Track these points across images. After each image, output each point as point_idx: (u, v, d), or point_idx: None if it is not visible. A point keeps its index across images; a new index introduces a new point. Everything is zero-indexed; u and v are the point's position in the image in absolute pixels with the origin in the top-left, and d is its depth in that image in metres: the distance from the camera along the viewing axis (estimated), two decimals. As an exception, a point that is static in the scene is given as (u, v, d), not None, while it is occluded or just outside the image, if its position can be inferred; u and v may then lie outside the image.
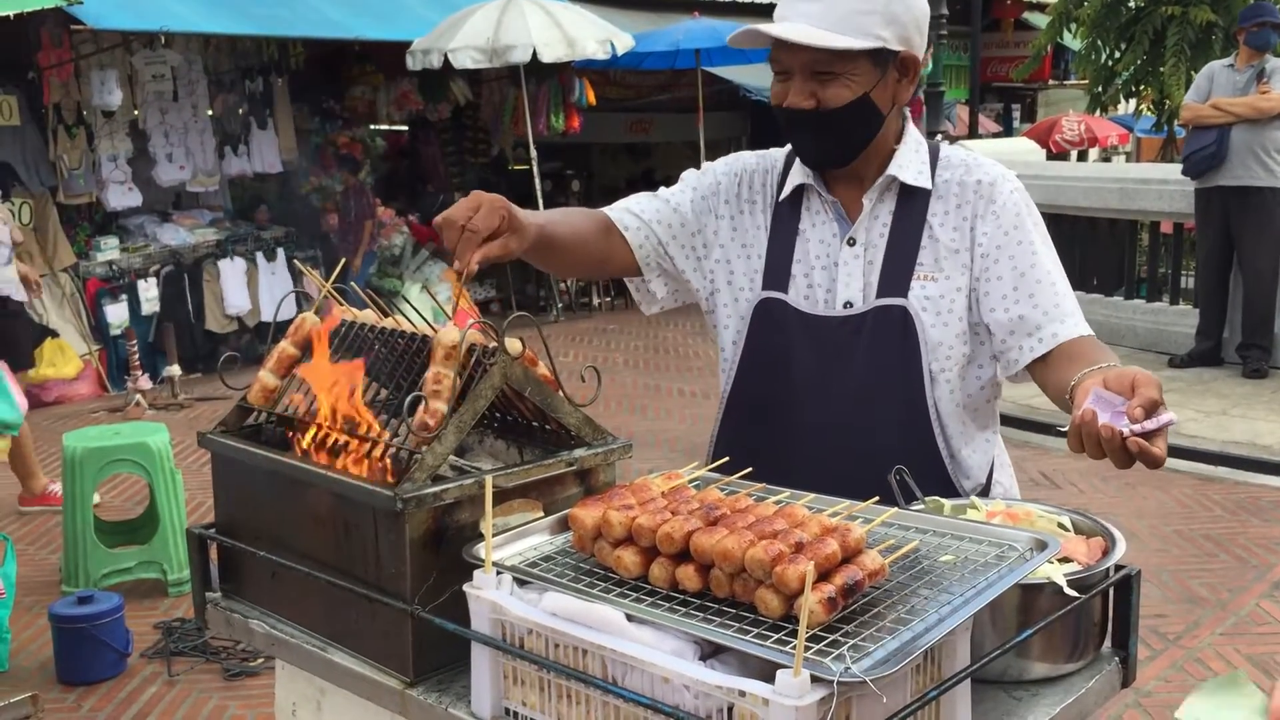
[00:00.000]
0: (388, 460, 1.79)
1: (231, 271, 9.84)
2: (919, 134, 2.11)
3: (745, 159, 2.24)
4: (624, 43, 11.04)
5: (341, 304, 2.10)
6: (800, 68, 1.96)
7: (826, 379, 2.03)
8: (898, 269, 2.03)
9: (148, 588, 4.92)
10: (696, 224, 2.19)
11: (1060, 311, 1.96)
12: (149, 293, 9.37)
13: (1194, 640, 4.35)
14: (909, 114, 2.12)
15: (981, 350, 2.06)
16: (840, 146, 2.04)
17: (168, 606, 4.80)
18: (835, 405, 2.03)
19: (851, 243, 2.06)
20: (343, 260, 2.49)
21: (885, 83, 1.98)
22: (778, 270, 2.10)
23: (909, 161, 2.05)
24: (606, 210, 2.23)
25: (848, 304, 2.05)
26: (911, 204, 2.05)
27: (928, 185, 2.05)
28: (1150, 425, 1.52)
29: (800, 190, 2.12)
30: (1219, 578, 4.89)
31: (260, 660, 4.23)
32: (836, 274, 2.06)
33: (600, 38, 10.84)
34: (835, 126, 1.99)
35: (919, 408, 2.02)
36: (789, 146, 2.17)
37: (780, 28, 1.93)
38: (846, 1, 1.91)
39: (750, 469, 1.81)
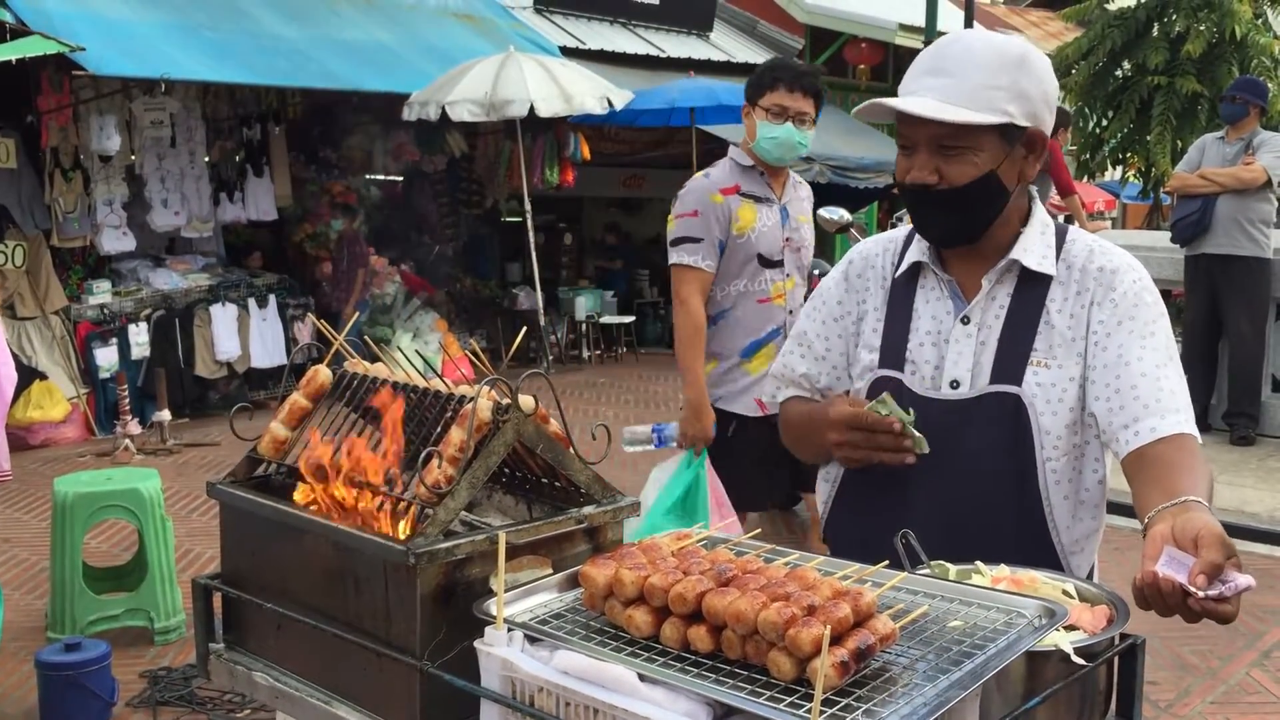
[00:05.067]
0: (399, 514, 1.80)
1: (223, 317, 9.85)
2: (1046, 215, 2.07)
3: (862, 247, 2.23)
4: (622, 97, 11.17)
5: (352, 356, 2.12)
6: (925, 142, 1.93)
7: (937, 461, 1.97)
8: (1012, 354, 2.00)
9: (134, 635, 4.87)
10: (843, 346, 2.19)
11: (1161, 406, 1.89)
12: (140, 337, 9.36)
13: (1185, 708, 4.34)
14: (1035, 192, 2.09)
15: (1096, 443, 2.01)
16: (964, 224, 2.00)
17: (154, 655, 4.75)
18: (945, 488, 1.99)
19: (965, 321, 2.03)
20: (355, 315, 2.51)
21: (1012, 159, 1.95)
22: (893, 349, 2.08)
23: (1034, 245, 2.02)
24: (791, 395, 2.29)
25: (954, 383, 2.02)
26: (1032, 288, 2.01)
27: (1051, 271, 2.01)
28: (1227, 593, 1.52)
29: (916, 267, 2.10)
30: (1209, 645, 4.89)
31: (247, 712, 4.19)
32: (946, 351, 2.03)
33: (597, 94, 10.97)
34: (959, 204, 1.96)
35: (1031, 496, 1.99)
36: (911, 228, 2.15)
37: (904, 101, 1.91)
38: (975, 76, 1.89)
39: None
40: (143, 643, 4.84)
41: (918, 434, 1.94)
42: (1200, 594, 1.52)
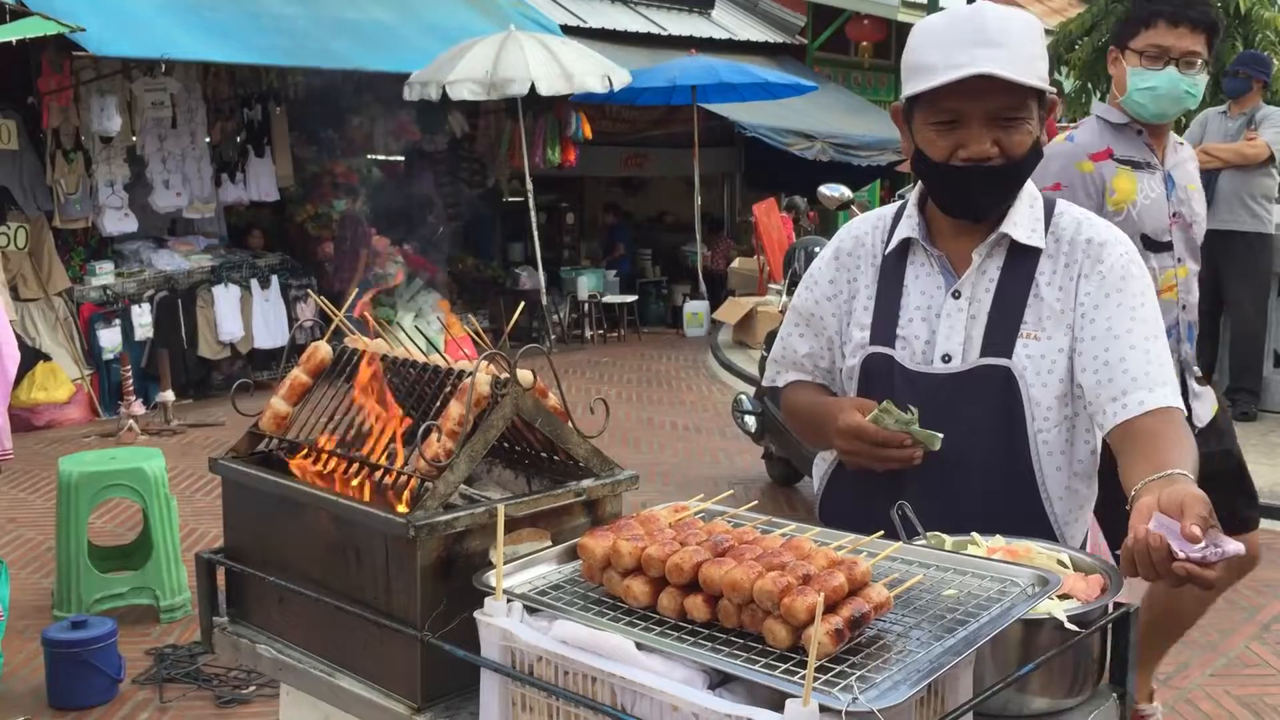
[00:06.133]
0: (398, 487, 1.82)
1: (225, 298, 9.87)
2: (1034, 188, 2.07)
3: (851, 226, 2.24)
4: (620, 78, 11.15)
5: (352, 333, 2.14)
6: (981, 116, 1.91)
7: None
8: (1002, 327, 2.00)
9: (139, 613, 4.91)
10: (837, 325, 2.19)
11: (1150, 379, 1.90)
12: (143, 318, 9.39)
13: (1184, 681, 4.36)
14: None
15: (1085, 414, 2.02)
16: (1009, 195, 2.01)
17: (160, 633, 4.79)
18: (939, 461, 1.98)
19: (956, 295, 2.04)
20: (355, 291, 2.52)
21: (1041, 128, 1.98)
22: (884, 325, 2.09)
23: (1023, 218, 2.03)
24: (793, 379, 2.29)
25: (946, 356, 2.03)
26: (1021, 261, 2.03)
27: (1040, 244, 2.02)
28: (1211, 557, 1.53)
29: (906, 244, 2.11)
30: (1208, 619, 4.86)
31: (253, 689, 4.22)
32: (937, 325, 2.04)
33: (598, 72, 10.95)
34: (1014, 175, 1.97)
35: (1024, 467, 2.01)
36: (902, 201, 2.16)
37: (987, 67, 1.86)
38: (1024, 47, 1.90)
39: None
40: (148, 620, 4.88)
41: (931, 433, 1.94)
42: (1182, 555, 1.53)
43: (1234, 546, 1.54)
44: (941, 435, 1.94)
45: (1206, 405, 3.37)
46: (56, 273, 9.17)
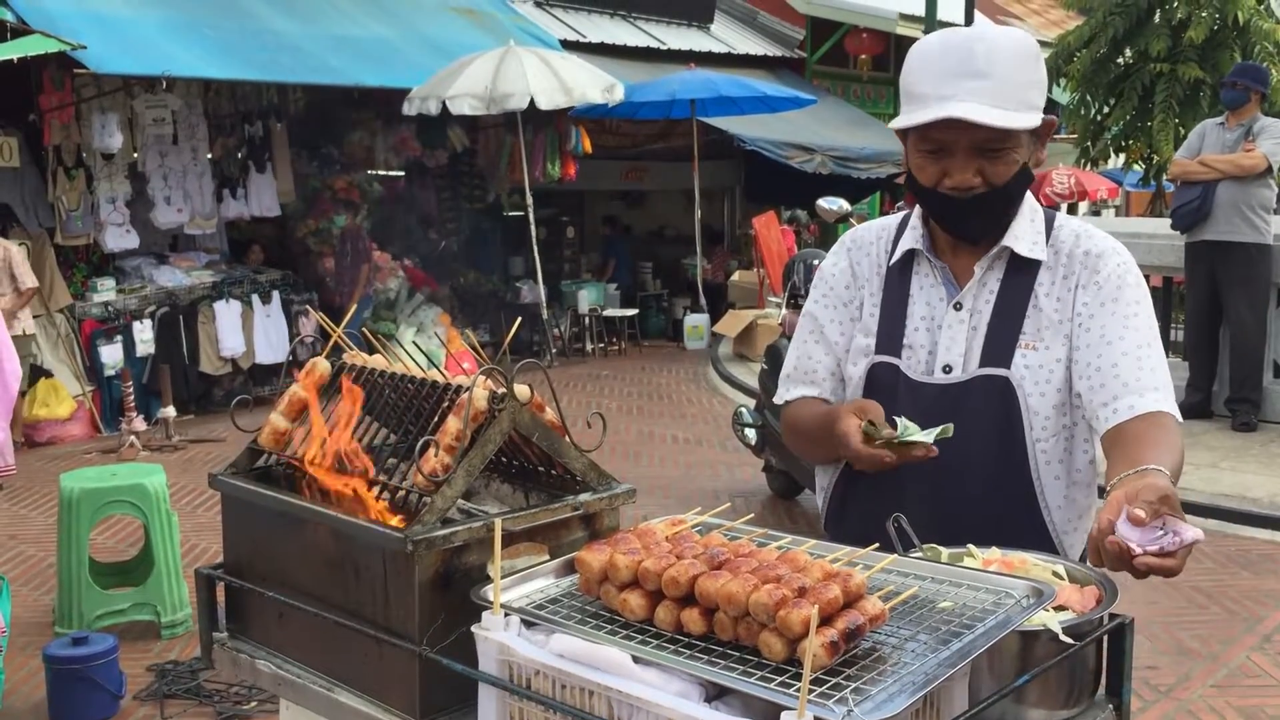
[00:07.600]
0: (397, 503, 1.83)
1: (227, 314, 9.88)
2: (1034, 202, 2.10)
3: (856, 234, 2.25)
4: (615, 95, 11.19)
5: (351, 348, 2.15)
6: (966, 146, 1.94)
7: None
8: (1002, 338, 2.03)
9: (141, 629, 4.91)
10: (850, 330, 2.20)
11: (1141, 385, 1.93)
12: (144, 334, 9.40)
13: (1185, 692, 4.36)
14: None
15: (1084, 423, 2.04)
16: (1001, 218, 2.03)
17: (161, 649, 4.79)
18: (940, 471, 1.99)
19: (958, 307, 2.07)
20: (354, 306, 2.53)
21: (1035, 149, 2.00)
22: (889, 335, 2.11)
23: (1024, 232, 2.05)
24: (798, 395, 2.25)
25: (947, 367, 2.05)
26: (1021, 273, 2.05)
27: (1040, 257, 2.05)
28: (1169, 546, 1.55)
29: (910, 254, 2.13)
30: (1209, 630, 4.91)
31: (254, 704, 4.22)
32: (939, 336, 2.07)
33: (597, 85, 10.99)
34: (1001, 202, 1.99)
35: (1023, 477, 2.03)
36: (904, 215, 2.18)
37: (960, 108, 1.88)
38: (1014, 76, 1.91)
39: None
40: (149, 636, 4.88)
41: (937, 430, 1.92)
42: (1139, 550, 1.55)
43: (1192, 533, 1.56)
44: (939, 431, 1.91)
45: None
46: (58, 289, 9.19)
